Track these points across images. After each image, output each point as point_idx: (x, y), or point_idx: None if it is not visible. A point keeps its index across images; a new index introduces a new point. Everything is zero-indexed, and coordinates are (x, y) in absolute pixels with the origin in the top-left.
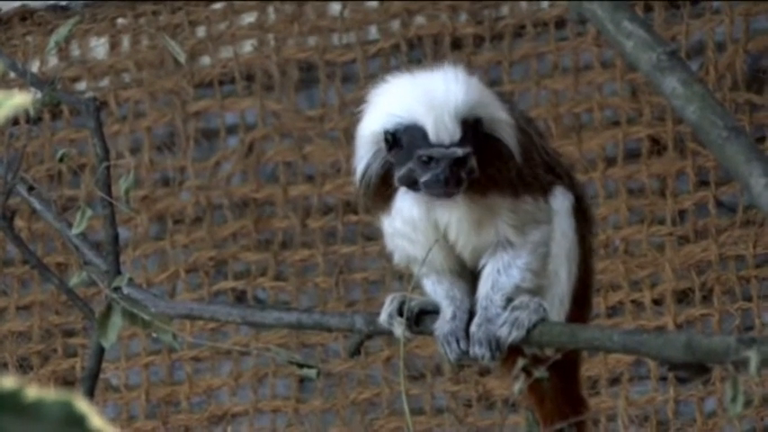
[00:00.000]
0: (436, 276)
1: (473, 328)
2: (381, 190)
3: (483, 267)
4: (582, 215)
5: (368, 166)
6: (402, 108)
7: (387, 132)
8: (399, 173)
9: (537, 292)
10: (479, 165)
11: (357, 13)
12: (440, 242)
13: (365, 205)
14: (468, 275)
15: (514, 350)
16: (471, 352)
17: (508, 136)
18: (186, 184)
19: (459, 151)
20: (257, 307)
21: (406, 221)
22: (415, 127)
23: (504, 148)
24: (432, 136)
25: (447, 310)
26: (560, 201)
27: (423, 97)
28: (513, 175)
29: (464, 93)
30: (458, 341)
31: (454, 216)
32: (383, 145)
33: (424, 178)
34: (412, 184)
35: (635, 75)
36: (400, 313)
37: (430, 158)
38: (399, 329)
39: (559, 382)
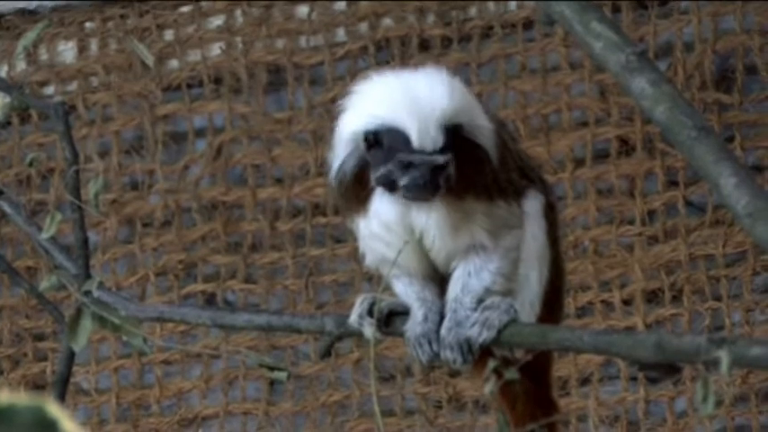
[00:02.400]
0: (408, 278)
1: (443, 332)
2: (358, 191)
3: (454, 270)
4: (552, 217)
5: (343, 164)
6: (385, 109)
7: (368, 132)
8: (377, 173)
9: (508, 293)
10: (457, 168)
11: (324, 15)
12: (414, 245)
13: (339, 206)
14: (439, 278)
15: (485, 352)
16: (443, 356)
17: (487, 141)
18: (155, 187)
19: (441, 159)
20: (227, 309)
21: (382, 223)
22: (398, 130)
23: (482, 153)
24: (414, 141)
25: (418, 312)
26: (531, 203)
27: (407, 101)
28: (489, 180)
29: (448, 98)
30: (430, 343)
31: (431, 219)
32: (362, 144)
33: (403, 181)
34: (389, 186)
35: (603, 75)
36: (370, 314)
37: (410, 163)
38: (369, 330)
39: (530, 384)
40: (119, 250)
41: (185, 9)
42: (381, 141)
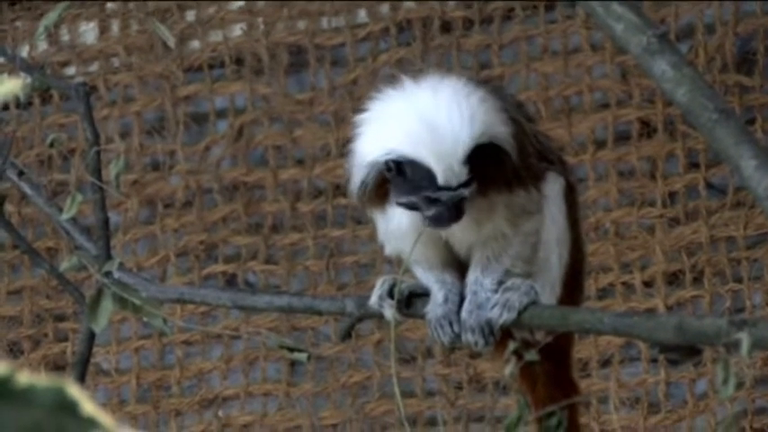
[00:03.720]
0: (427, 262)
1: (464, 314)
2: (378, 193)
3: (474, 253)
4: (572, 199)
5: (364, 182)
6: (406, 143)
7: (389, 162)
8: (400, 200)
9: (528, 276)
10: (478, 174)
11: None
12: (435, 241)
13: (359, 200)
14: (459, 263)
15: (505, 334)
16: (464, 338)
17: (507, 144)
18: (176, 168)
19: (466, 191)
20: (248, 291)
21: (401, 228)
22: (421, 167)
23: (503, 154)
24: (440, 179)
25: (438, 294)
26: (551, 186)
27: (428, 136)
28: (508, 173)
29: (469, 127)
30: (451, 324)
31: (458, 229)
32: (383, 168)
33: (428, 213)
34: (412, 209)
35: (625, 57)
36: (391, 296)
37: (437, 199)
38: (390, 312)
39: (551, 366)
40: (139, 231)
41: None
42: (404, 172)
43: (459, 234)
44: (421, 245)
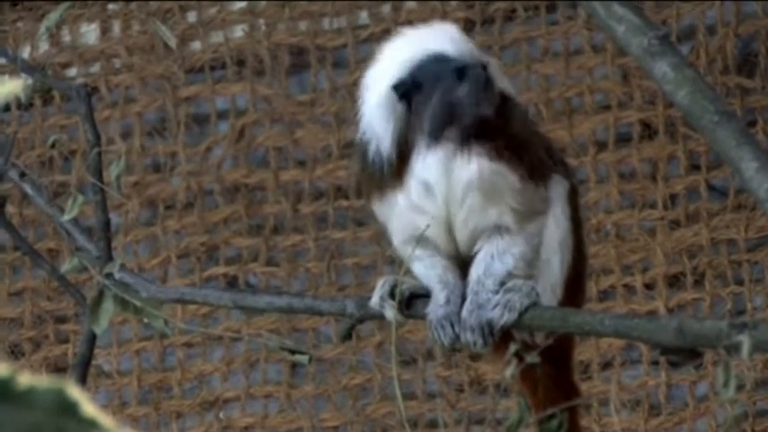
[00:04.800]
0: (430, 260)
1: (464, 314)
2: (395, 165)
3: (476, 252)
4: (575, 202)
5: (382, 142)
6: (411, 53)
7: (402, 82)
8: (431, 111)
9: (529, 278)
10: (489, 124)
11: None
12: (443, 221)
13: (368, 187)
14: (460, 262)
15: (505, 336)
16: (463, 338)
17: (505, 85)
18: (177, 169)
19: (483, 57)
20: (248, 291)
21: (423, 186)
22: (433, 56)
23: (512, 107)
24: (453, 51)
25: (440, 295)
26: (556, 188)
27: (427, 35)
28: (519, 142)
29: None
30: (452, 325)
31: (470, 172)
32: (398, 106)
33: (461, 90)
34: (445, 116)
35: (626, 59)
36: (392, 296)
37: (461, 69)
38: (391, 312)
39: (551, 368)
40: (141, 232)
41: None
42: (420, 81)
43: (465, 213)
44: (431, 226)
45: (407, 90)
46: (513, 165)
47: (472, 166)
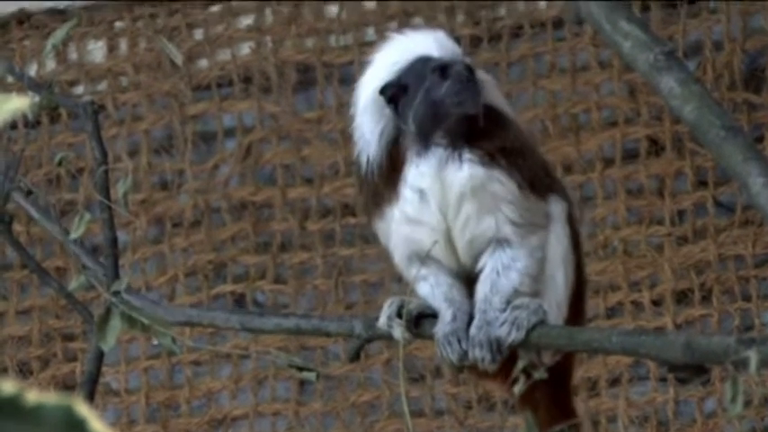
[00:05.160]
0: (434, 278)
1: (473, 330)
2: (389, 174)
3: (481, 269)
4: (573, 222)
5: (371, 150)
6: (397, 56)
7: (390, 83)
8: (416, 110)
9: (535, 295)
10: (479, 133)
11: (354, 14)
12: (442, 232)
13: (367, 202)
14: (465, 279)
15: (511, 355)
16: (471, 354)
17: (498, 100)
18: (184, 186)
19: (468, 59)
20: (256, 313)
21: (417, 194)
22: (418, 59)
23: (505, 120)
24: (438, 52)
25: (446, 313)
26: (554, 206)
27: (413, 39)
28: (515, 152)
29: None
30: (459, 341)
31: (462, 178)
32: (385, 111)
33: (444, 87)
34: (430, 114)
35: (632, 75)
36: (399, 316)
37: (444, 67)
38: (398, 332)
39: (551, 390)
40: (148, 250)
41: (215, 8)
42: (406, 82)
43: (462, 221)
44: (428, 239)
45: (395, 93)
46: (510, 173)
47: (464, 172)
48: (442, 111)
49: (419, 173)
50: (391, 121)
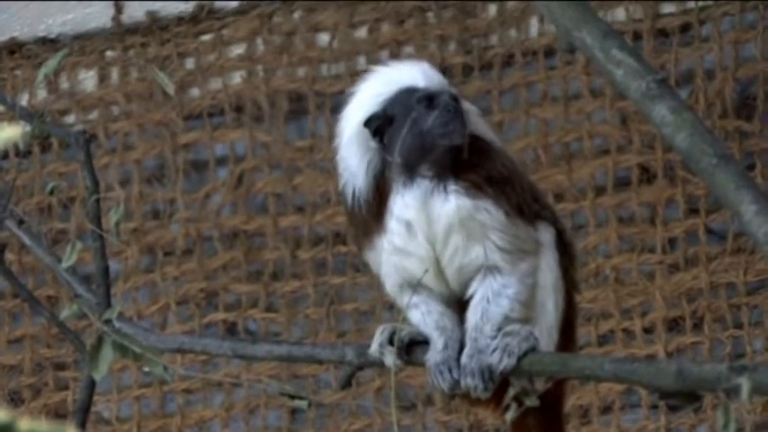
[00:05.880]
0: (426, 306)
1: (464, 359)
2: (375, 206)
3: (472, 296)
4: (564, 249)
5: (358, 181)
6: (382, 87)
7: (374, 116)
8: (404, 139)
9: (526, 322)
10: (465, 164)
11: (346, 43)
12: (431, 260)
13: (355, 234)
14: (457, 306)
15: (503, 382)
16: (463, 383)
17: (483, 129)
18: (176, 216)
19: (453, 89)
20: (248, 340)
21: (404, 225)
22: (403, 90)
23: (485, 145)
24: (424, 83)
25: (438, 341)
26: (544, 234)
27: (398, 70)
28: (501, 180)
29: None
30: (450, 371)
31: (448, 210)
32: (371, 143)
33: (431, 118)
34: (417, 145)
35: (624, 103)
36: (391, 343)
37: (430, 98)
38: (390, 359)
39: (543, 417)
40: (140, 279)
41: (206, 37)
42: (392, 114)
43: (451, 251)
44: (418, 268)
45: (380, 125)
46: (497, 201)
47: (451, 203)
48: (429, 141)
49: (404, 204)
50: (377, 153)
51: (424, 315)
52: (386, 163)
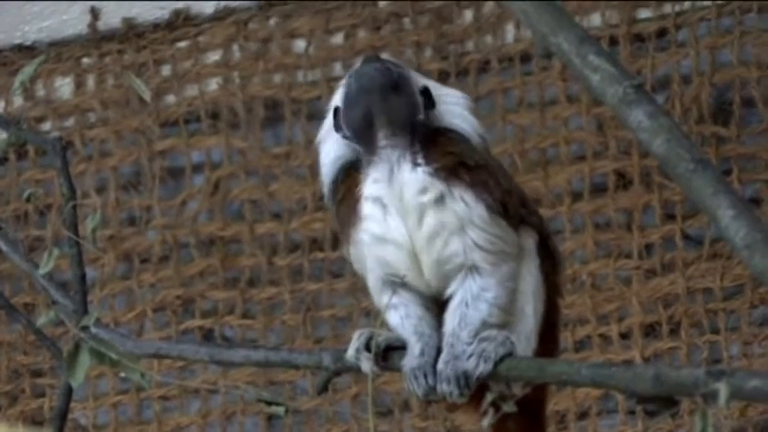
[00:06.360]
0: (405, 310)
1: (440, 365)
2: (350, 197)
3: (451, 297)
4: (547, 254)
5: (330, 176)
6: (343, 84)
7: (335, 111)
8: (346, 120)
9: (504, 327)
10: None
11: (322, 49)
12: (406, 241)
13: (339, 228)
14: (436, 308)
15: (482, 386)
16: (439, 389)
17: (463, 122)
18: (152, 222)
19: (395, 63)
20: (225, 345)
21: (374, 205)
22: (361, 77)
23: (457, 135)
24: (380, 69)
25: (415, 347)
26: (526, 238)
27: (361, 64)
28: (476, 168)
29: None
30: (425, 376)
31: (415, 179)
32: (337, 137)
33: (354, 86)
34: (356, 116)
35: (601, 109)
36: (368, 348)
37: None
38: (367, 364)
39: (525, 421)
40: (116, 286)
41: (182, 44)
42: (341, 104)
43: (426, 234)
44: (397, 258)
45: (337, 117)
46: (477, 193)
47: (417, 174)
48: (377, 114)
49: (373, 181)
50: (347, 146)
51: (402, 319)
52: (358, 154)
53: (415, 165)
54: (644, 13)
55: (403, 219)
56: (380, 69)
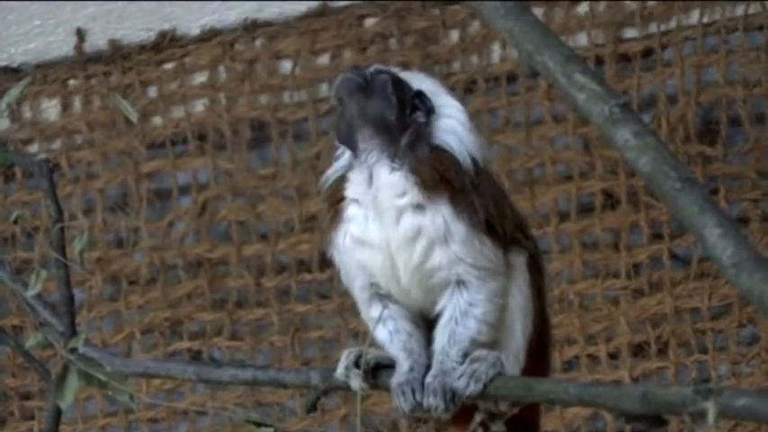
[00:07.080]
0: (394, 325)
1: (428, 379)
2: (334, 205)
3: (439, 314)
4: (537, 271)
5: (326, 182)
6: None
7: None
8: (336, 127)
9: (493, 346)
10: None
11: (308, 70)
12: (384, 247)
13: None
14: (425, 325)
15: (471, 405)
16: (425, 402)
17: (454, 142)
18: (140, 244)
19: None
20: (213, 365)
21: (353, 205)
22: (348, 83)
23: (448, 155)
24: (364, 73)
25: (404, 363)
26: (515, 256)
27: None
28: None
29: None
30: (413, 392)
31: (391, 180)
32: (339, 146)
33: (364, 98)
34: (343, 123)
35: (587, 128)
36: (357, 366)
37: (362, 81)
38: (356, 382)
39: None
40: (104, 308)
41: (169, 66)
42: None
43: (401, 242)
44: (375, 262)
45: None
46: (457, 211)
47: (394, 176)
48: (361, 115)
49: (355, 183)
50: (347, 157)
51: (391, 334)
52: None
53: (393, 168)
54: (630, 33)
55: (380, 220)
56: (350, 76)
